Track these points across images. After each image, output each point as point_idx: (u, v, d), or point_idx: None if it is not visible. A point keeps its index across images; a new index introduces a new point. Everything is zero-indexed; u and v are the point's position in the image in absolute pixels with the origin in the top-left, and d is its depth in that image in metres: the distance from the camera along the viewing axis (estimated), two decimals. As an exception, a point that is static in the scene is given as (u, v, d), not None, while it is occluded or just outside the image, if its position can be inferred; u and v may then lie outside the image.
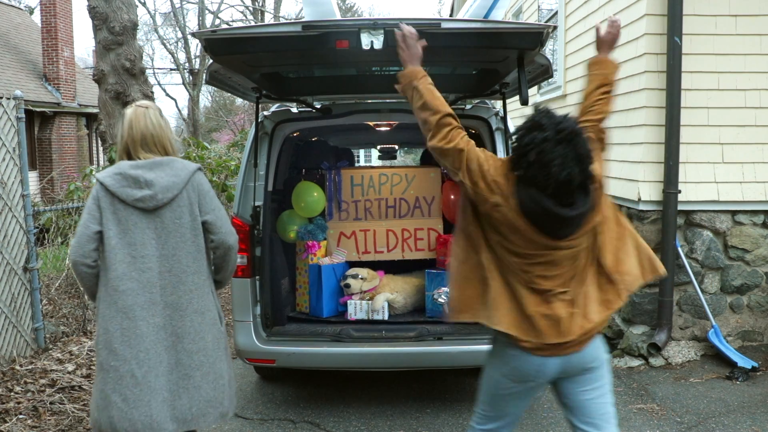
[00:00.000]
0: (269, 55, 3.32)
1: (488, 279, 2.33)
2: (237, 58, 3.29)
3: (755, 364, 4.71)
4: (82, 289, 2.99)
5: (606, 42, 2.66)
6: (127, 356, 2.48)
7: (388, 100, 4.47)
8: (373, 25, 2.91)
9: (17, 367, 4.63)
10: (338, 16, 3.38)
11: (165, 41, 28.73)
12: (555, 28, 3.55)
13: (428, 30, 2.81)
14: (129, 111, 2.63)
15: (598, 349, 2.40)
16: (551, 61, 3.64)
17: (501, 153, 3.99)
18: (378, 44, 2.91)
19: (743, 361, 4.72)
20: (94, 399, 2.58)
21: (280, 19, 25.98)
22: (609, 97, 2.56)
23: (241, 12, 29.55)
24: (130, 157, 2.59)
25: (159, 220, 2.54)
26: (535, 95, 8.42)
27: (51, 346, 5.15)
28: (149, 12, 34.85)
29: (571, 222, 2.21)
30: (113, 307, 2.50)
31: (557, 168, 2.10)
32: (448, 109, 2.37)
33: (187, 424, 2.55)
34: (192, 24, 44.25)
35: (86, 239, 2.50)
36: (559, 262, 2.28)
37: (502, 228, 2.26)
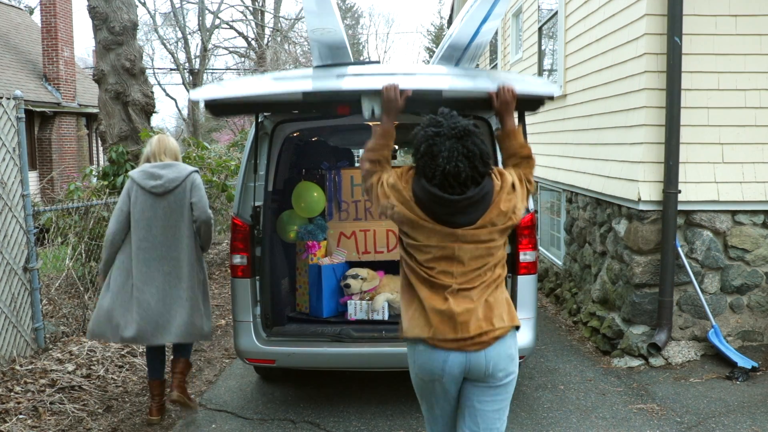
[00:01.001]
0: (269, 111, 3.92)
1: (411, 286, 2.47)
2: (236, 113, 3.95)
3: (755, 364, 4.71)
4: (103, 256, 3.97)
5: (503, 110, 2.72)
6: (145, 290, 3.81)
7: None
8: (374, 92, 2.99)
9: (17, 367, 4.63)
10: (338, 16, 3.38)
11: (165, 41, 28.72)
12: (552, 98, 3.68)
13: (430, 97, 3.06)
14: (156, 137, 4.04)
15: (507, 361, 2.42)
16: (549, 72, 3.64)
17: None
18: (378, 111, 2.98)
19: (743, 361, 4.72)
20: (97, 314, 3.88)
21: (280, 19, 25.98)
22: (525, 161, 2.63)
23: (241, 12, 29.57)
24: (149, 162, 3.96)
25: (165, 201, 3.85)
26: (535, 95, 8.41)
27: (51, 346, 5.15)
28: (149, 12, 34.80)
29: (461, 209, 2.34)
30: (135, 259, 3.82)
31: (444, 160, 2.29)
32: (379, 156, 2.57)
33: (177, 337, 3.88)
34: (192, 24, 44.27)
35: (121, 215, 3.85)
36: (461, 258, 2.38)
37: (405, 227, 2.42)
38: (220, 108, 3.57)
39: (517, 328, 2.47)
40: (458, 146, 2.30)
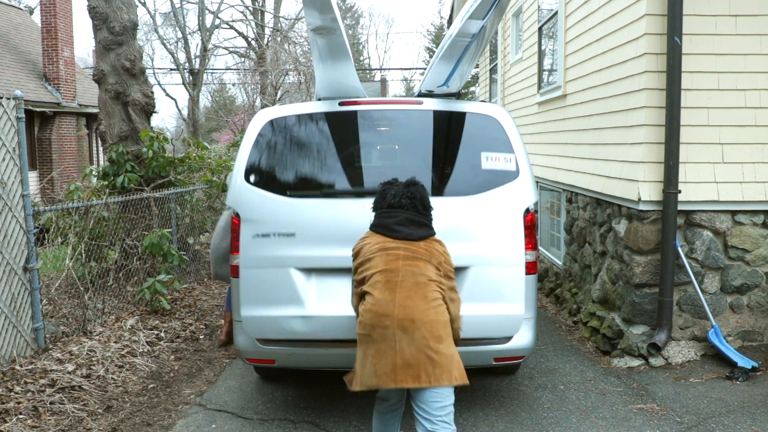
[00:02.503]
0: None
1: None
2: None
3: (755, 364, 4.71)
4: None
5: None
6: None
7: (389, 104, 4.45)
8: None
9: (17, 367, 4.63)
10: (338, 17, 3.39)
11: (165, 41, 28.73)
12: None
13: None
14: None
15: None
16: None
17: (516, 143, 4.00)
18: None
19: (743, 361, 4.72)
20: (215, 256, 5.15)
21: (280, 19, 25.98)
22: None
23: (241, 12, 29.57)
24: None
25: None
26: (535, 95, 8.43)
27: (51, 346, 5.15)
28: (149, 12, 34.82)
29: (398, 229, 3.18)
30: None
31: (390, 197, 3.28)
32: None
33: None
34: (192, 24, 44.28)
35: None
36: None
37: (369, 264, 3.16)
38: None
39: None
40: (404, 191, 3.30)
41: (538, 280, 6.94)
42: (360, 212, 3.75)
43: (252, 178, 3.97)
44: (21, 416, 4.03)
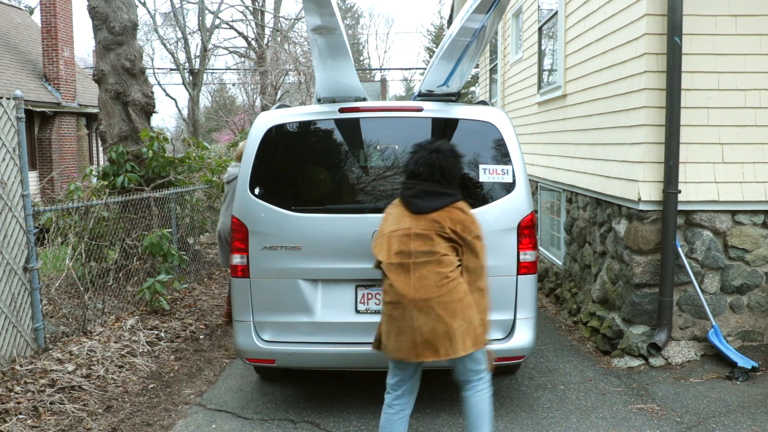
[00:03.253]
0: None
1: None
2: None
3: (755, 364, 4.71)
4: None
5: None
6: None
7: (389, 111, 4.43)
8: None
9: (17, 367, 4.63)
10: (338, 16, 3.38)
11: (165, 41, 28.75)
12: None
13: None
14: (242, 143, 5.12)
15: None
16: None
17: (514, 152, 4.01)
18: None
19: (743, 361, 4.72)
20: None
21: (280, 19, 25.97)
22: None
23: (241, 12, 29.58)
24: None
25: (231, 187, 5.88)
26: (535, 95, 8.43)
27: (51, 346, 5.15)
28: (149, 12, 34.86)
29: (413, 202, 3.20)
30: None
31: (412, 164, 3.30)
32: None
33: None
34: (192, 24, 44.28)
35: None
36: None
37: (383, 244, 3.24)
38: None
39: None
40: (425, 156, 3.26)
41: (538, 280, 6.94)
42: (361, 227, 3.90)
43: (257, 190, 4.01)
44: (21, 416, 4.03)
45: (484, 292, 3.20)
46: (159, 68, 32.35)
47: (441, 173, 3.21)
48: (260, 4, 27.19)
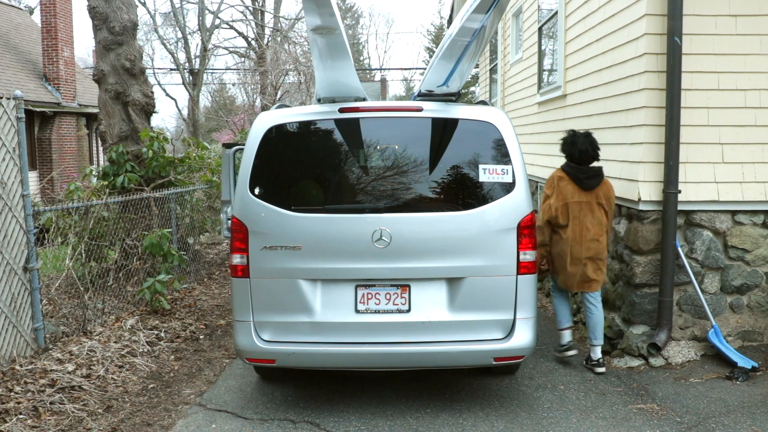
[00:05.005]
0: None
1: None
2: None
3: (755, 364, 4.71)
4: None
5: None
6: None
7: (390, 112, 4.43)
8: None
9: (17, 367, 4.63)
10: (338, 16, 3.38)
11: (165, 41, 28.76)
12: None
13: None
14: None
15: None
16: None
17: (513, 152, 4.02)
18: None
19: (743, 361, 4.72)
20: None
21: (280, 19, 25.98)
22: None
23: (241, 12, 29.59)
24: None
25: None
26: (535, 95, 8.43)
27: (51, 346, 5.15)
28: (149, 12, 34.87)
29: (588, 178, 4.77)
30: None
31: (579, 144, 4.77)
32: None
33: None
34: (192, 24, 44.30)
35: None
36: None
37: (560, 209, 4.77)
38: None
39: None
40: (585, 140, 4.80)
41: (538, 280, 6.93)
42: (361, 227, 3.90)
43: (257, 190, 4.01)
44: (21, 416, 4.03)
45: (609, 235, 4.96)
46: (159, 68, 32.37)
47: (597, 153, 4.85)
48: (260, 4, 27.20)
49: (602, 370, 4.82)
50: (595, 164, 4.81)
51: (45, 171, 16.26)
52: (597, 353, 4.86)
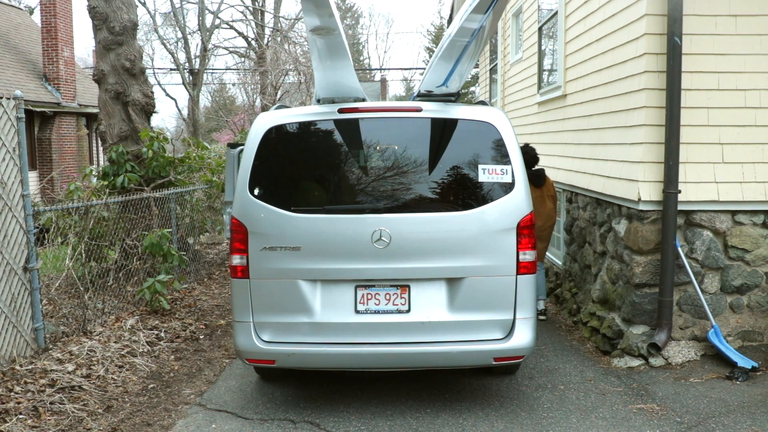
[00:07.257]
0: None
1: None
2: None
3: (755, 364, 4.71)
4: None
5: None
6: None
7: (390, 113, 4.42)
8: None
9: (17, 367, 4.63)
10: (337, 17, 3.38)
11: (165, 41, 28.76)
12: None
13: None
14: None
15: None
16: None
17: (513, 152, 4.03)
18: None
19: (743, 361, 4.72)
20: None
21: (280, 19, 25.98)
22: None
23: (241, 12, 29.58)
24: None
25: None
26: (535, 95, 8.43)
27: (51, 346, 5.15)
28: (149, 12, 34.88)
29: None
30: None
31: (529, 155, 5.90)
32: None
33: None
34: (192, 24, 44.30)
35: None
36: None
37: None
38: None
39: None
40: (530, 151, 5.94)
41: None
42: (360, 227, 3.90)
43: (256, 191, 4.01)
44: (21, 416, 4.03)
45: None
46: (159, 68, 32.37)
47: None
48: (260, 4, 27.20)
49: (542, 317, 6.30)
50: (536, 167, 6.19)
51: (45, 171, 16.27)
52: (540, 305, 6.20)
